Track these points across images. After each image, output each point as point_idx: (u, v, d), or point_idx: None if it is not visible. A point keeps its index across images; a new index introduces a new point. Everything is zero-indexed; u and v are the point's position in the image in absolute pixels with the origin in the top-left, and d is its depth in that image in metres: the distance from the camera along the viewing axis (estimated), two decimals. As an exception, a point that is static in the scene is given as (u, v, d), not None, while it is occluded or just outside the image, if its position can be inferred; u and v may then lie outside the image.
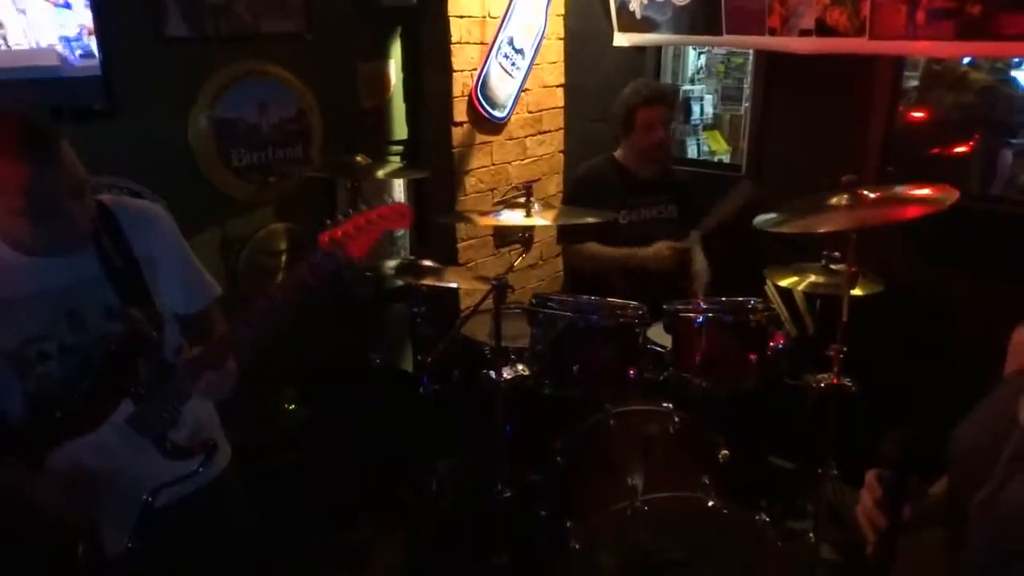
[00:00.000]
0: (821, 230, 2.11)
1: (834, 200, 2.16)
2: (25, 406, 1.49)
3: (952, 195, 2.06)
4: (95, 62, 2.28)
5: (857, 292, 2.21)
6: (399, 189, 3.31)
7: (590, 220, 2.48)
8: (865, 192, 2.14)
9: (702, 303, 2.28)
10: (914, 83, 3.28)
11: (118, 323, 1.51)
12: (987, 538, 1.13)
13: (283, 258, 2.91)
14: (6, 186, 1.32)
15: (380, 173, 2.72)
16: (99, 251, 1.50)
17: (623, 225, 2.91)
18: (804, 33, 2.76)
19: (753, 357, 2.25)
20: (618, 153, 3.01)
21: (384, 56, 3.16)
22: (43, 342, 1.46)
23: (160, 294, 1.58)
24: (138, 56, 2.40)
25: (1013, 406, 1.16)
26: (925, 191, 2.15)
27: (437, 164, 3.26)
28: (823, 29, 2.69)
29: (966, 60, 3.42)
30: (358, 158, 2.66)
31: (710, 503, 2.00)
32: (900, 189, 2.20)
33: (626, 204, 2.92)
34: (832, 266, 2.42)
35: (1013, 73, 3.38)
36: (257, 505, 1.87)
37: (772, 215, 2.23)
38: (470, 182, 3.40)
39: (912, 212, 2.08)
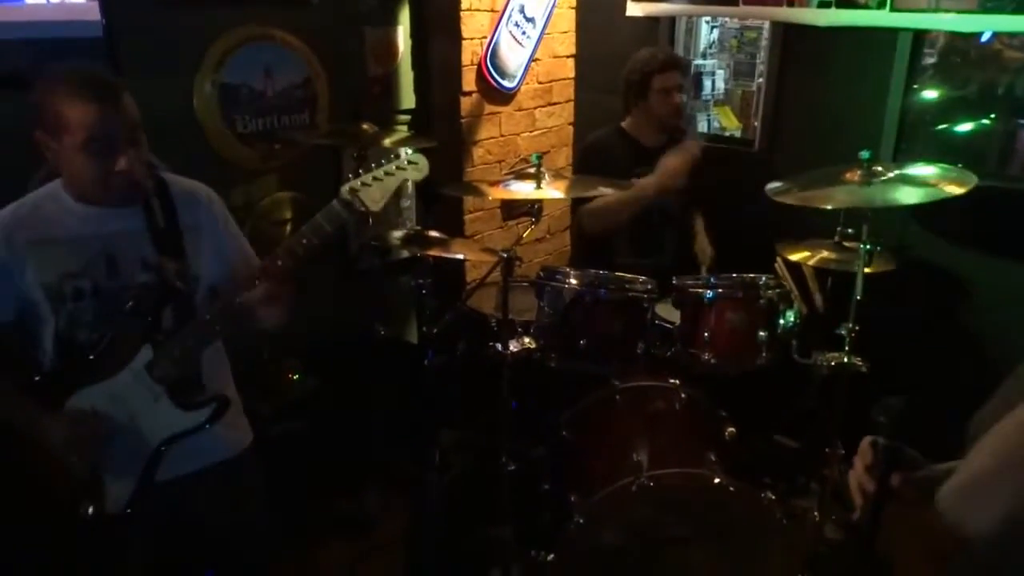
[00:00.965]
0: (828, 206, 2.09)
1: (848, 176, 2.12)
2: (54, 347, 1.56)
3: (968, 182, 2.02)
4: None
5: (869, 270, 2.18)
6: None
7: (601, 190, 2.43)
8: (879, 169, 2.10)
9: (712, 279, 2.25)
10: (931, 60, 3.21)
11: (152, 275, 1.59)
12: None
13: (288, 227, 2.89)
14: (71, 122, 1.44)
15: (387, 142, 2.66)
16: (147, 210, 1.60)
17: None
18: (823, 5, 2.69)
19: (762, 334, 2.23)
20: (626, 123, 2.96)
21: (392, 23, 3.10)
22: (80, 279, 1.55)
23: (198, 261, 1.64)
24: (141, 19, 2.35)
25: None
26: (938, 173, 2.11)
27: (445, 134, 3.21)
28: (843, 1, 2.63)
29: (985, 36, 3.34)
30: (365, 126, 2.61)
31: (716, 480, 1.99)
32: (915, 171, 2.15)
33: (634, 174, 2.88)
34: (845, 243, 2.38)
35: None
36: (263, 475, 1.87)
37: (780, 184, 2.20)
38: (478, 153, 3.35)
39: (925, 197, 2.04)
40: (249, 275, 1.55)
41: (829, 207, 2.13)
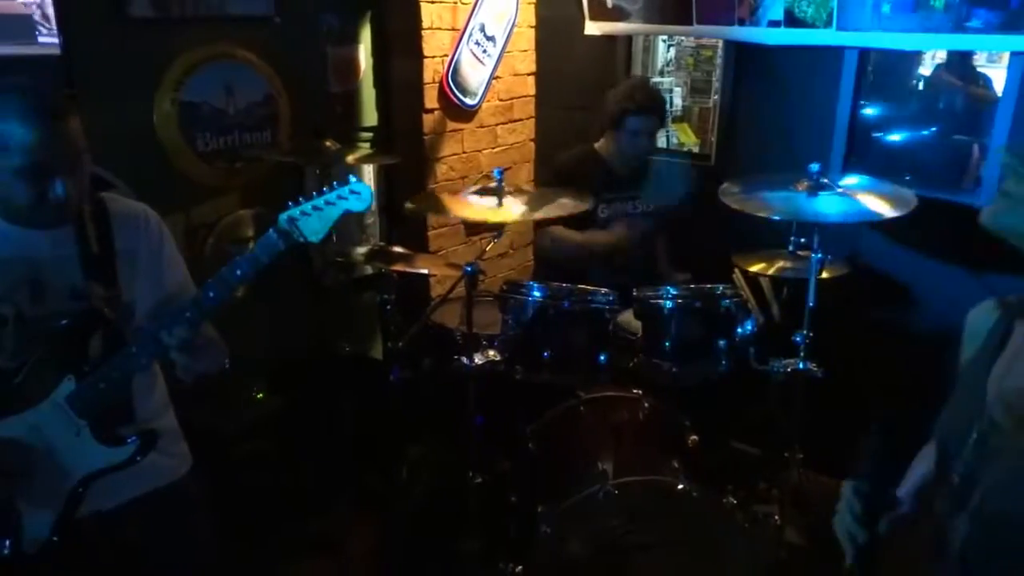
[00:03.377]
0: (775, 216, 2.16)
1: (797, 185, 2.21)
2: None
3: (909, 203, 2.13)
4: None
5: (823, 276, 2.25)
6: (368, 175, 3.28)
7: (561, 213, 2.47)
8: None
9: (671, 289, 2.30)
10: (876, 76, 3.34)
11: (81, 304, 1.50)
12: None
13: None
14: (9, 143, 1.36)
15: (350, 159, 2.68)
16: (80, 233, 1.51)
17: (601, 218, 2.93)
18: (773, 24, 2.79)
19: (721, 343, 2.28)
20: (599, 144, 3.01)
21: (354, 41, 3.12)
22: (1, 305, 1.46)
23: (131, 288, 1.56)
24: (100, 36, 2.34)
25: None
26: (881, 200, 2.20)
27: (407, 151, 3.23)
28: (792, 20, 2.72)
29: (930, 54, 3.47)
30: (327, 143, 2.63)
31: (680, 486, 2.02)
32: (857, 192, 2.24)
33: (603, 198, 2.92)
34: (799, 252, 2.45)
35: (984, 70, 3.44)
36: (227, 495, 1.84)
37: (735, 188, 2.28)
38: (441, 169, 3.38)
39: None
40: (179, 308, 1.47)
41: (776, 217, 2.19)
